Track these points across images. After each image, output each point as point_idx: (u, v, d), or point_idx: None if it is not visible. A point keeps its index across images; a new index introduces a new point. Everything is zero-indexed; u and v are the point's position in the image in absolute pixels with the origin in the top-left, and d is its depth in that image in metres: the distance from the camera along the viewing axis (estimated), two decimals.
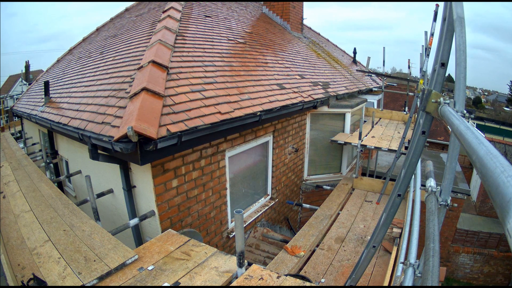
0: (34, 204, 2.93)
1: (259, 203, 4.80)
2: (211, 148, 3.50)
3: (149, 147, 2.38)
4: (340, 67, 9.22)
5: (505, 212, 0.45)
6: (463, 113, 1.11)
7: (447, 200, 1.44)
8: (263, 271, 1.94)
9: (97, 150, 2.77)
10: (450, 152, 1.41)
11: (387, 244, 3.49)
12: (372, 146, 5.39)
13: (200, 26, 5.36)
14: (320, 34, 12.64)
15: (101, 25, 8.22)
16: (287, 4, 9.12)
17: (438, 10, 4.15)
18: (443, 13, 1.49)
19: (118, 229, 2.86)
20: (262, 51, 6.06)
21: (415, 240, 2.10)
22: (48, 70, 8.05)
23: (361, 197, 4.93)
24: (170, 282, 1.89)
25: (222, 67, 4.30)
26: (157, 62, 3.30)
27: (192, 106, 3.06)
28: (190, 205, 3.36)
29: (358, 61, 11.84)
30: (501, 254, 9.17)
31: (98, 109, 3.19)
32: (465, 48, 1.16)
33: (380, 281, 2.95)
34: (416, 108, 4.97)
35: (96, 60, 5.26)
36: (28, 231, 2.45)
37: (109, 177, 3.53)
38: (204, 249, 2.26)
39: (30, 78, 23.03)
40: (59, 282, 1.84)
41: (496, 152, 0.61)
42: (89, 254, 2.10)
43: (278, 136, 4.88)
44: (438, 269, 1.07)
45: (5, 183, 3.58)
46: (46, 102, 4.68)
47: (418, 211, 2.65)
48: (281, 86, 4.90)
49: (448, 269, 9.13)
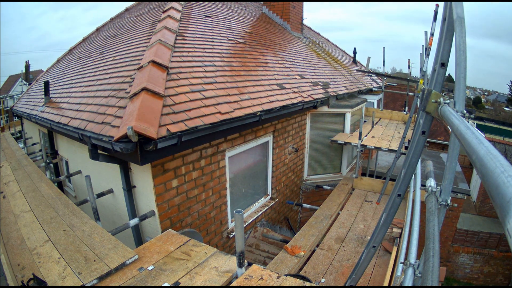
0: (34, 204, 2.93)
1: (259, 203, 4.80)
2: (211, 148, 3.50)
3: (149, 147, 2.38)
4: (340, 67, 9.22)
5: (505, 212, 0.45)
6: (463, 113, 1.11)
7: (447, 200, 1.44)
8: (263, 271, 1.94)
9: (97, 150, 2.77)
10: (450, 152, 1.41)
11: (387, 244, 3.49)
12: (372, 146, 5.39)
13: (200, 26, 5.36)
14: (320, 34, 12.64)
15: (101, 25, 8.22)
16: (287, 4, 9.12)
17: (438, 10, 4.16)
18: (443, 13, 1.49)
19: (118, 229, 2.86)
20: (262, 51, 6.06)
21: (415, 240, 2.10)
22: (48, 70, 8.05)
23: (361, 197, 4.93)
24: (170, 282, 1.89)
25: (222, 67, 4.30)
26: (157, 62, 3.30)
27: (192, 106, 3.06)
28: (190, 205, 3.36)
29: (358, 61, 11.84)
30: (501, 254, 9.17)
31: (98, 109, 3.19)
32: (465, 48, 1.16)
33: (380, 281, 2.95)
34: (416, 108, 4.97)
35: (96, 60, 5.26)
36: (28, 231, 2.45)
37: (109, 177, 3.52)
38: (204, 249, 2.26)
39: (30, 78, 23.04)
40: (59, 282, 1.84)
41: (496, 152, 0.61)
42: (89, 254, 2.09)
43: (278, 136, 4.88)
44: (438, 269, 1.07)
45: (5, 183, 3.58)
46: (46, 102, 4.68)
47: (418, 211, 2.65)
48: (281, 86, 4.90)
49: (448, 269, 9.13)
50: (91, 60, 5.52)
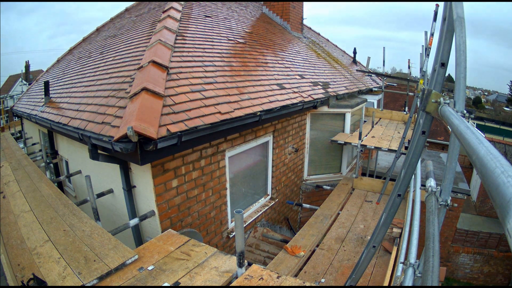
0: (34, 204, 2.93)
1: (259, 203, 4.80)
2: (211, 148, 3.50)
3: (149, 147, 2.38)
4: (340, 67, 9.22)
5: (505, 212, 0.45)
6: (463, 113, 1.11)
7: (447, 200, 1.44)
8: (263, 271, 1.94)
9: (97, 150, 2.77)
10: (450, 152, 1.41)
11: (387, 244, 3.49)
12: (372, 146, 5.39)
13: (200, 26, 5.36)
14: (320, 34, 12.64)
15: (101, 25, 8.21)
16: (287, 4, 9.12)
17: (438, 10, 4.16)
18: (443, 13, 1.49)
19: (118, 229, 2.86)
20: (262, 51, 6.06)
21: (415, 240, 2.11)
22: (48, 70, 8.05)
23: (361, 197, 4.93)
24: (170, 282, 1.89)
25: (222, 67, 4.30)
26: (157, 62, 3.30)
27: (192, 106, 3.06)
28: (190, 205, 3.36)
29: (358, 61, 11.84)
30: (501, 254, 9.17)
31: (98, 109, 3.19)
32: (465, 48, 1.16)
33: (380, 281, 2.95)
34: (416, 108, 4.97)
35: (96, 60, 5.26)
36: (28, 231, 2.45)
37: (109, 177, 3.52)
38: (204, 249, 2.26)
39: (30, 78, 23.05)
40: (59, 282, 1.84)
41: (496, 152, 0.61)
42: (89, 254, 2.09)
43: (278, 136, 4.88)
44: (438, 269, 1.07)
45: (5, 183, 3.58)
46: (46, 102, 4.67)
47: (418, 211, 2.65)
48: (281, 86, 4.90)
49: (448, 269, 9.13)
50: (91, 60, 5.52)
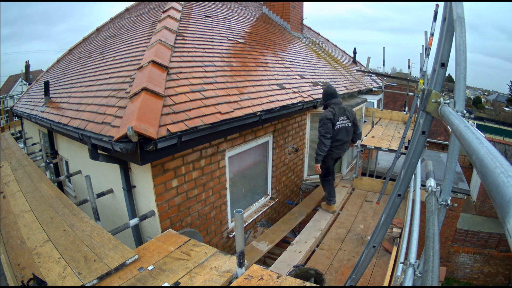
0: (34, 204, 2.93)
1: (259, 203, 4.80)
2: (211, 148, 3.50)
3: (149, 147, 2.38)
4: (340, 67, 9.22)
5: (505, 212, 0.45)
6: (463, 113, 1.11)
7: (447, 200, 1.44)
8: (263, 271, 1.94)
9: (97, 150, 2.77)
10: (450, 152, 1.41)
11: (387, 244, 3.49)
12: (372, 146, 5.39)
13: (200, 26, 5.36)
14: (320, 34, 12.64)
15: (101, 25, 8.21)
16: (287, 4, 9.12)
17: (438, 10, 4.16)
18: (443, 13, 1.49)
19: (118, 229, 2.86)
20: (262, 51, 6.06)
21: (415, 240, 2.10)
22: (48, 70, 8.04)
23: (361, 197, 4.93)
24: (170, 282, 1.89)
25: (222, 67, 4.30)
26: (157, 62, 3.30)
27: (192, 106, 3.06)
28: (190, 205, 3.36)
29: (358, 61, 11.84)
30: (501, 254, 9.17)
31: (98, 109, 3.19)
32: (465, 48, 1.16)
33: (380, 281, 2.95)
34: (416, 108, 4.97)
35: (96, 60, 5.25)
36: (28, 231, 2.45)
37: (109, 177, 3.52)
38: (204, 249, 2.25)
39: (30, 78, 23.06)
40: (59, 282, 1.84)
41: (496, 152, 0.61)
42: (89, 254, 2.09)
43: (278, 136, 4.88)
44: (438, 269, 1.07)
45: (5, 183, 3.58)
46: (46, 102, 4.67)
47: (418, 211, 2.65)
48: (281, 86, 4.90)
49: (448, 269, 9.13)
50: (91, 60, 5.52)
